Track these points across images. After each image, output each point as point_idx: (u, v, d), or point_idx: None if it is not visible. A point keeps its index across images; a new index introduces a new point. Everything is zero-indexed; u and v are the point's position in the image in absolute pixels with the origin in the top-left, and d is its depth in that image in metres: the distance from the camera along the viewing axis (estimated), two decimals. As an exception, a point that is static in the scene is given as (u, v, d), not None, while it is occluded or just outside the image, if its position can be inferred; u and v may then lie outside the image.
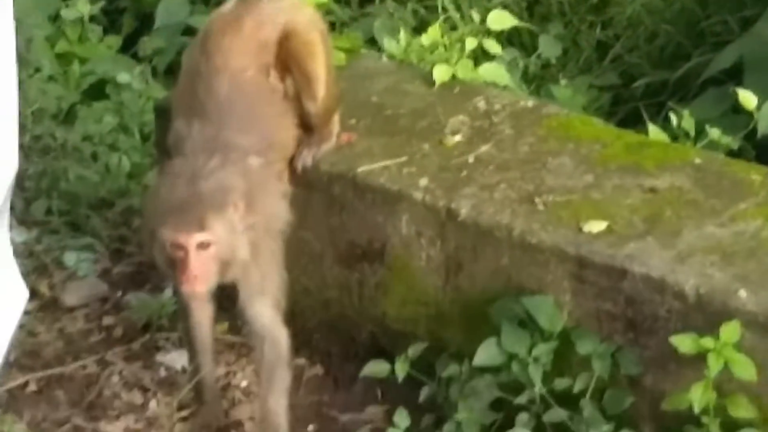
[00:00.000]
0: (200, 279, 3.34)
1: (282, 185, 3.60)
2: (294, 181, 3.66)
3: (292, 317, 3.89)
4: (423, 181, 3.61)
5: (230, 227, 3.35)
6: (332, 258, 3.77)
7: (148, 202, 3.52)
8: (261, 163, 3.52)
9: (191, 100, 3.57)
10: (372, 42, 4.68)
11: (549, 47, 4.98)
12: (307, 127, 3.70)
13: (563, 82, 4.81)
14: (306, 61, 3.65)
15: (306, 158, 3.69)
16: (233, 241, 3.36)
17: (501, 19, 4.42)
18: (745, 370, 3.08)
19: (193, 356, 3.69)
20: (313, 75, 3.66)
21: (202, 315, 3.62)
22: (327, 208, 3.72)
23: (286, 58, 3.65)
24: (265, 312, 3.51)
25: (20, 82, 3.47)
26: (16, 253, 3.95)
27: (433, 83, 4.03)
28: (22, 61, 4.85)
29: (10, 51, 2.98)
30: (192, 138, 3.48)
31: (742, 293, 3.16)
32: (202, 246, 3.32)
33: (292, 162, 3.67)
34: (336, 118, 3.78)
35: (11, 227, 3.88)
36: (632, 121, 4.52)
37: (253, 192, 3.43)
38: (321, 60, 3.68)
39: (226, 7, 3.77)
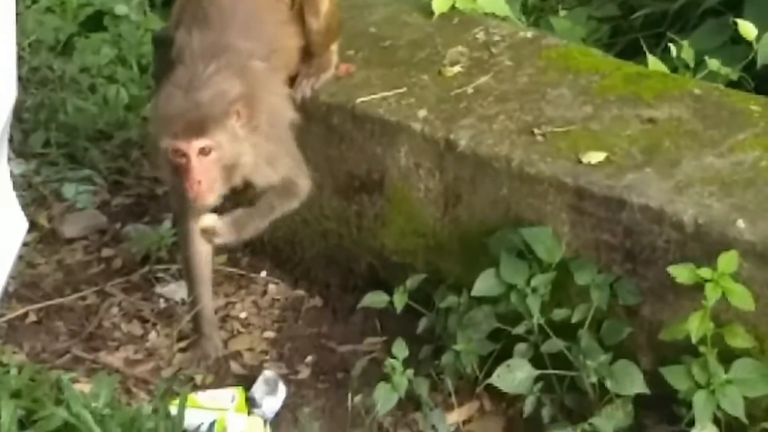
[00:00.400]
0: (205, 185, 3.36)
1: (285, 88, 3.61)
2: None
3: (291, 248, 3.92)
4: (422, 113, 3.61)
5: (231, 134, 3.37)
6: (331, 189, 3.78)
7: (151, 115, 3.51)
8: (264, 66, 3.53)
9: (194, 10, 3.56)
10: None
11: (546, -22, 4.98)
12: (307, 52, 3.68)
13: (562, 13, 4.80)
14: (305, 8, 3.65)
15: (305, 88, 3.69)
16: (236, 146, 3.38)
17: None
18: (742, 300, 3.09)
19: (192, 287, 3.71)
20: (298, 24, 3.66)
21: (201, 245, 3.61)
22: (325, 138, 3.72)
23: None
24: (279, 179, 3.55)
25: (17, 14, 3.45)
26: (15, 185, 3.95)
27: (431, 14, 4.02)
28: (18, -8, 4.85)
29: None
30: (192, 45, 3.48)
31: (740, 223, 3.16)
32: (203, 152, 3.34)
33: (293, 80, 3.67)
34: (335, 47, 3.77)
35: (9, 159, 3.88)
36: (631, 53, 4.50)
37: (254, 93, 3.44)
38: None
39: None
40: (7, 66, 3.04)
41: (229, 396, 3.50)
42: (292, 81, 3.69)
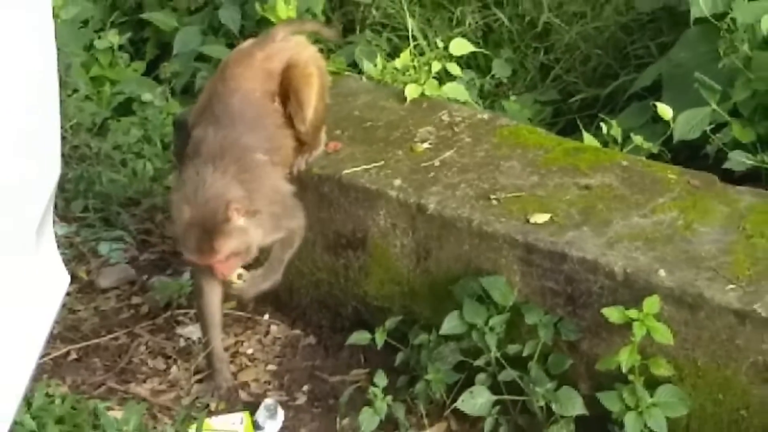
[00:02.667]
0: (229, 273, 3.41)
1: (283, 175, 3.61)
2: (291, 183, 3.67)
3: (290, 295, 3.91)
4: (397, 182, 3.61)
5: (237, 232, 3.34)
6: (322, 246, 3.77)
7: (170, 208, 3.50)
8: (265, 159, 3.53)
9: (208, 114, 3.57)
10: (354, 65, 4.67)
11: (501, 69, 4.98)
12: (300, 142, 3.69)
13: (513, 98, 4.81)
14: (302, 89, 3.66)
15: (300, 163, 3.70)
16: (243, 238, 3.36)
17: (461, 46, 4.44)
18: (663, 336, 3.09)
19: (204, 330, 3.69)
20: (306, 102, 3.65)
21: (213, 295, 3.61)
22: (317, 204, 3.72)
23: (287, 85, 3.65)
24: (288, 233, 3.55)
25: (61, 101, 3.47)
26: (59, 244, 3.93)
27: (404, 100, 4.03)
28: (62, 83, 4.86)
29: (53, 75, 2.97)
30: (207, 140, 3.48)
31: (661, 272, 3.17)
32: (220, 259, 3.36)
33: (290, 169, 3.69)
34: (323, 131, 3.78)
35: (54, 222, 3.87)
36: (570, 130, 4.52)
37: (254, 180, 3.43)
38: (314, 89, 3.68)
39: (243, 45, 3.81)
40: (53, 146, 3.03)
41: (238, 419, 3.48)
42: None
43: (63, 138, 4.62)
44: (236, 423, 3.46)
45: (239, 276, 3.44)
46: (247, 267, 3.48)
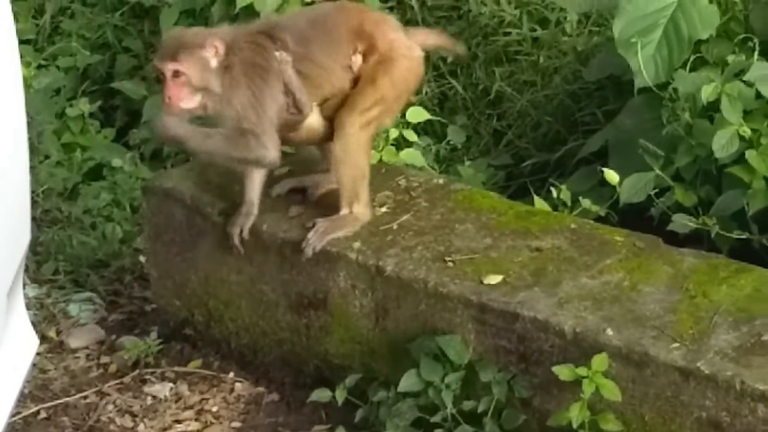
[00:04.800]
0: (174, 101, 3.38)
1: (292, 82, 3.45)
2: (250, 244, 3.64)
3: (253, 354, 3.89)
4: (356, 245, 3.61)
5: (202, 63, 3.36)
6: (285, 306, 3.76)
7: None
8: (286, 60, 3.43)
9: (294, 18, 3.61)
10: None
11: (456, 135, 5.00)
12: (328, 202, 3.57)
13: (467, 162, 4.82)
14: (365, 86, 3.54)
15: (315, 243, 3.56)
16: (204, 76, 3.37)
17: (417, 114, 4.46)
18: (611, 392, 3.09)
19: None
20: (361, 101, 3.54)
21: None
22: (280, 266, 3.71)
23: (363, 70, 3.55)
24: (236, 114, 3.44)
25: (33, 167, 3.47)
26: (30, 306, 3.92)
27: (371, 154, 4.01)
28: (34, 150, 4.85)
29: (23, 143, 2.97)
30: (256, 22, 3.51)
31: (609, 331, 3.18)
32: (176, 74, 3.34)
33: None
34: (358, 210, 3.59)
35: (25, 284, 3.85)
36: (522, 194, 4.52)
37: (249, 59, 3.40)
38: (375, 95, 3.54)
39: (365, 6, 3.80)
40: (23, 211, 3.03)
41: None
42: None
43: (35, 202, 4.60)
44: None
45: None
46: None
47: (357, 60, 3.56)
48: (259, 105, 3.44)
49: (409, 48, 3.62)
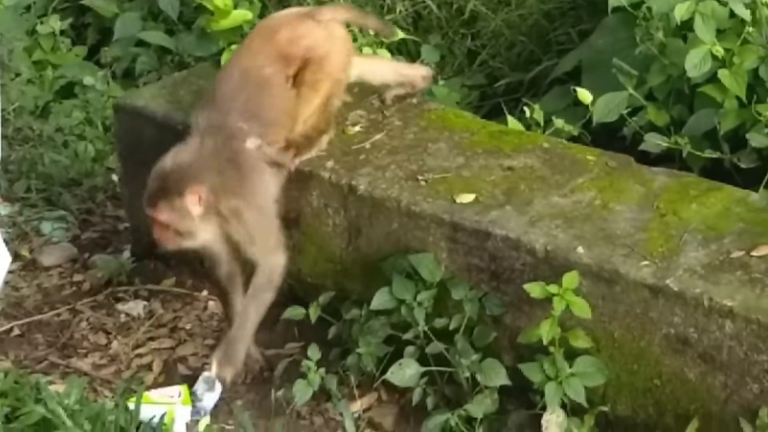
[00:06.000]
0: (163, 241, 3.30)
1: (275, 164, 3.44)
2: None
3: (226, 272, 3.87)
4: (329, 164, 3.59)
5: (183, 213, 3.24)
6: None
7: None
8: (258, 145, 3.38)
9: (206, 95, 3.47)
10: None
11: (429, 54, 4.97)
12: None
13: (441, 82, 4.80)
14: (307, 93, 3.53)
15: (291, 164, 3.53)
16: (187, 224, 3.26)
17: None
18: (582, 310, 3.11)
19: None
20: (305, 107, 3.53)
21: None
22: (253, 185, 3.68)
23: (299, 80, 3.51)
24: (256, 254, 3.38)
25: (3, 85, 3.43)
26: (1, 224, 3.90)
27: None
28: (4, 67, 4.79)
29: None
30: (199, 123, 3.36)
31: (580, 249, 3.18)
32: (157, 218, 3.27)
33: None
34: (324, 136, 3.60)
35: (-4, 203, 3.83)
36: (495, 114, 4.52)
37: (232, 178, 3.29)
38: (318, 97, 3.54)
39: (280, 14, 3.68)
40: (-8, 129, 2.99)
41: (176, 392, 3.45)
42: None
43: (6, 120, 4.56)
44: (174, 396, 3.43)
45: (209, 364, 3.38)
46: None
47: (290, 83, 3.52)
48: (264, 221, 3.39)
49: (328, 38, 3.57)
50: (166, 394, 3.44)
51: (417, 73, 3.86)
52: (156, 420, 3.30)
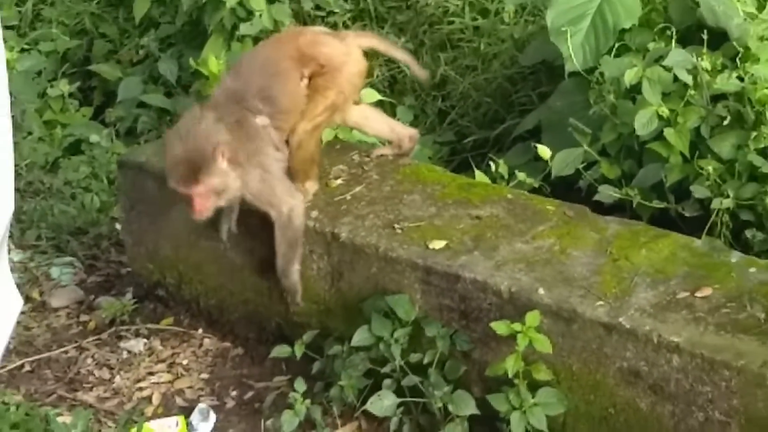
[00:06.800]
0: (203, 210, 3.34)
1: (276, 141, 3.46)
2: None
3: (220, 312, 3.88)
4: (314, 213, 3.60)
5: (219, 173, 3.30)
6: (249, 270, 3.74)
7: (164, 143, 3.43)
8: (266, 124, 3.42)
9: (231, 71, 3.53)
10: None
11: (404, 114, 4.99)
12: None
13: (414, 139, 4.82)
14: (315, 96, 3.55)
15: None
16: (223, 181, 3.32)
17: (370, 95, 4.41)
18: (543, 345, 3.12)
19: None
20: (312, 109, 3.55)
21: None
22: (245, 234, 3.68)
23: (311, 85, 3.55)
24: (272, 210, 3.43)
25: (16, 143, 3.43)
26: (14, 269, 3.89)
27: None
28: (17, 126, 4.79)
29: (7, 121, 2.94)
30: (221, 88, 3.40)
31: (541, 291, 3.20)
32: (200, 191, 3.29)
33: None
34: (314, 178, 3.63)
35: (10, 250, 3.81)
36: (464, 168, 4.55)
37: (243, 141, 3.34)
38: (324, 102, 3.55)
39: (306, 28, 3.79)
40: (7, 184, 2.99)
41: (174, 423, 3.44)
42: None
43: (18, 175, 4.56)
44: (172, 426, 3.42)
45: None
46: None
47: (305, 83, 3.55)
48: (270, 176, 3.44)
49: (346, 53, 3.61)
50: (164, 425, 3.43)
51: (406, 132, 3.88)
52: (156, 449, 3.29)
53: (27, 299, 3.95)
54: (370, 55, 3.84)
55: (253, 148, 3.41)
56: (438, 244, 3.41)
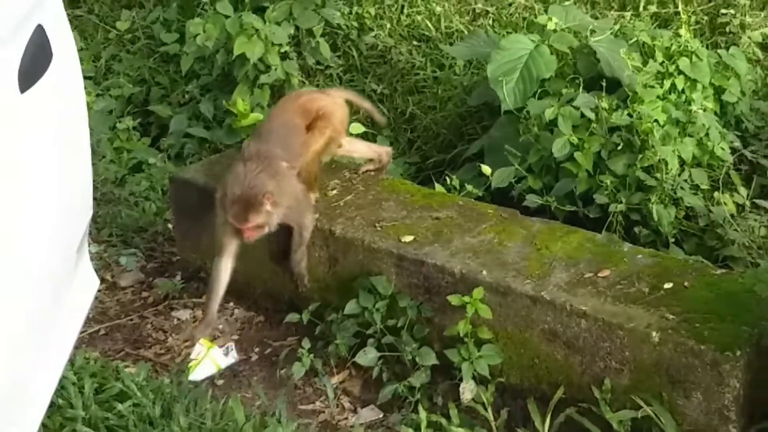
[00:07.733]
0: (250, 238, 3.34)
1: (298, 179, 3.50)
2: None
3: (247, 289, 3.87)
4: (316, 215, 3.59)
5: (264, 213, 3.30)
6: (268, 257, 3.72)
7: (221, 189, 3.39)
8: (287, 166, 3.45)
9: (258, 131, 3.57)
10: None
11: (382, 142, 4.93)
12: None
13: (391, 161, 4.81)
14: (314, 134, 3.58)
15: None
16: (267, 218, 3.32)
17: (356, 128, 4.41)
18: (485, 313, 3.13)
19: (209, 290, 3.51)
20: (311, 142, 3.57)
21: (223, 270, 3.48)
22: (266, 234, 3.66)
23: (311, 125, 3.58)
24: (296, 223, 3.44)
25: (93, 164, 3.41)
26: (92, 258, 3.86)
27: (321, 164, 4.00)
28: (94, 152, 4.77)
29: (87, 147, 2.93)
30: (250, 150, 3.41)
31: (484, 272, 3.21)
32: (249, 226, 3.30)
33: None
34: (316, 189, 3.65)
35: (90, 243, 3.79)
36: (427, 182, 4.55)
37: (281, 185, 3.36)
38: (321, 139, 3.58)
39: (303, 90, 3.83)
40: (88, 194, 2.99)
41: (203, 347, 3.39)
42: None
43: (95, 187, 4.50)
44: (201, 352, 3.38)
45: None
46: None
47: (306, 130, 3.59)
48: (298, 202, 3.46)
49: (334, 104, 3.67)
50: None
51: (384, 150, 3.92)
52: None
53: (102, 280, 3.91)
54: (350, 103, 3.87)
55: (287, 186, 3.43)
56: (408, 238, 3.42)
